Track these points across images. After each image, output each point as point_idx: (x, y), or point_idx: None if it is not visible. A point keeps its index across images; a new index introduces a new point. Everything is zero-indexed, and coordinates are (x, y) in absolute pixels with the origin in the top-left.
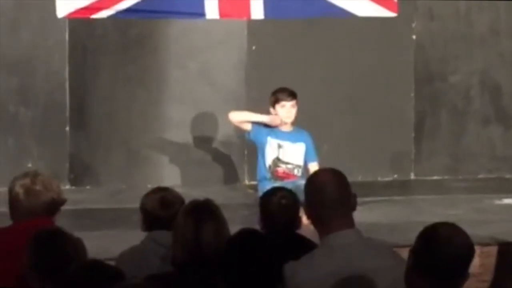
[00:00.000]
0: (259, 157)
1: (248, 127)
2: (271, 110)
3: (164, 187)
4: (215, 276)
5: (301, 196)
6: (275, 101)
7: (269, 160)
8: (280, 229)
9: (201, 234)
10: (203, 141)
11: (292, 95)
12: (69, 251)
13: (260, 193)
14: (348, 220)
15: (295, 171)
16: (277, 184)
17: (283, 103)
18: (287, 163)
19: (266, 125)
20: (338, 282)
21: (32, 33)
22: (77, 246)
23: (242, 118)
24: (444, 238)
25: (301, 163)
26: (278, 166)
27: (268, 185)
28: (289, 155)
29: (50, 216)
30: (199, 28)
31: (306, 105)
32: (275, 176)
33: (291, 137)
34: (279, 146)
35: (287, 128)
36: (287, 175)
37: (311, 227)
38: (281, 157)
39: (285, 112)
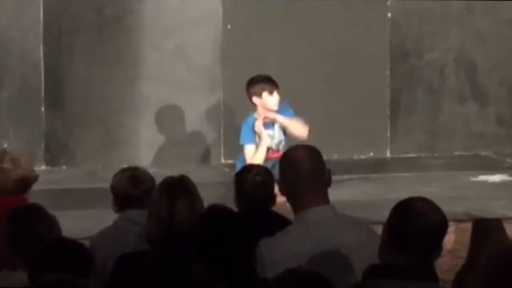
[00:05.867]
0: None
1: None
2: (255, 99)
3: (133, 166)
4: (190, 252)
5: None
6: (261, 90)
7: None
8: (255, 206)
9: (175, 210)
10: (179, 121)
11: (275, 82)
12: (41, 227)
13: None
14: (323, 196)
15: (280, 147)
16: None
17: (273, 91)
18: (276, 144)
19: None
20: (313, 257)
21: (6, 14)
22: (51, 223)
23: (258, 159)
24: (417, 213)
25: (282, 137)
26: (269, 152)
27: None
28: (275, 139)
29: (21, 193)
30: (174, 8)
31: (281, 83)
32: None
33: (270, 123)
34: (269, 137)
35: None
36: (276, 153)
37: (287, 204)
38: (273, 145)
39: (275, 99)
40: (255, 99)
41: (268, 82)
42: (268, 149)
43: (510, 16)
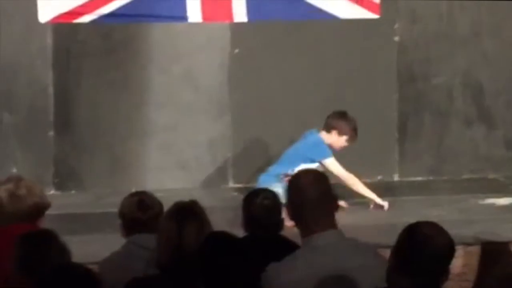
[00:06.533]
0: (295, 157)
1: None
2: (334, 132)
3: (141, 191)
4: (198, 278)
5: None
6: (345, 134)
7: (304, 164)
8: (262, 230)
9: (184, 236)
10: (187, 145)
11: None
12: (52, 252)
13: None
14: (330, 221)
15: None
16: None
17: (349, 143)
18: None
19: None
20: (320, 281)
21: (15, 38)
22: (62, 248)
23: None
24: (425, 237)
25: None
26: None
27: (269, 180)
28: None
29: (34, 220)
30: (181, 32)
31: (288, 107)
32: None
33: None
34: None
35: None
36: None
37: (295, 228)
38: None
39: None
40: (333, 133)
41: (356, 134)
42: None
43: None
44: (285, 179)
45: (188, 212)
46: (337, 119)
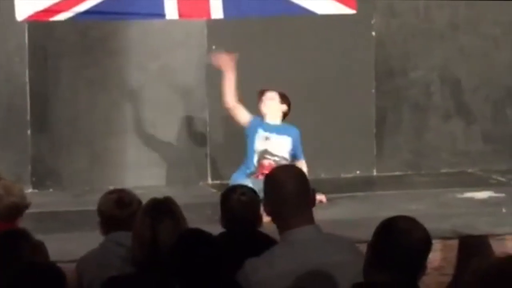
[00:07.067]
0: (249, 151)
1: (245, 119)
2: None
3: (120, 188)
4: (173, 276)
5: None
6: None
7: (257, 152)
8: (240, 226)
9: (159, 233)
10: (165, 142)
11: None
12: (24, 252)
13: None
14: (308, 216)
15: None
16: (252, 180)
17: (262, 98)
18: (274, 155)
19: (256, 118)
20: (298, 277)
21: None
22: (35, 247)
23: (227, 94)
24: (401, 231)
25: (287, 155)
26: (265, 159)
27: (241, 177)
28: (275, 147)
29: (12, 219)
30: (159, 29)
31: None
32: (260, 169)
33: (278, 130)
34: (266, 138)
35: (275, 121)
36: None
37: (273, 224)
38: (269, 149)
39: (263, 105)
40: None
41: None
42: (266, 154)
43: (493, 33)
44: (254, 175)
45: (163, 208)
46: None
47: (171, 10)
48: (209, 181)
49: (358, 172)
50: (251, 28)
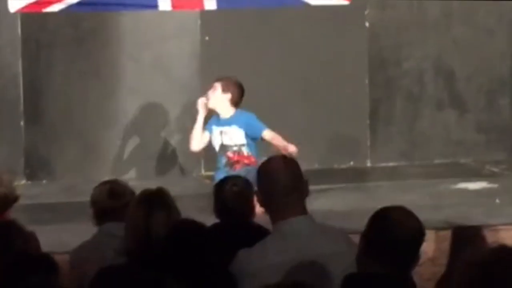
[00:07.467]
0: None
1: (207, 133)
2: None
3: (112, 179)
4: (165, 267)
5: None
6: None
7: (217, 148)
8: (233, 217)
9: (152, 223)
10: (158, 133)
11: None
12: (16, 243)
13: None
14: (301, 207)
15: (244, 150)
16: (231, 172)
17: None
18: (231, 146)
19: (212, 118)
20: (291, 268)
21: None
22: (26, 239)
23: (193, 140)
24: (393, 221)
25: (243, 141)
26: (227, 151)
27: (221, 174)
28: (229, 138)
29: (2, 211)
30: (152, 20)
31: (261, 94)
32: (230, 162)
33: (229, 121)
34: (221, 133)
35: (227, 113)
36: (240, 157)
37: (266, 215)
38: (224, 142)
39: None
40: None
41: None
42: (225, 148)
43: (486, 23)
44: (229, 168)
45: (156, 199)
46: None
47: (164, 1)
48: (203, 172)
49: (351, 162)
50: (244, 19)
